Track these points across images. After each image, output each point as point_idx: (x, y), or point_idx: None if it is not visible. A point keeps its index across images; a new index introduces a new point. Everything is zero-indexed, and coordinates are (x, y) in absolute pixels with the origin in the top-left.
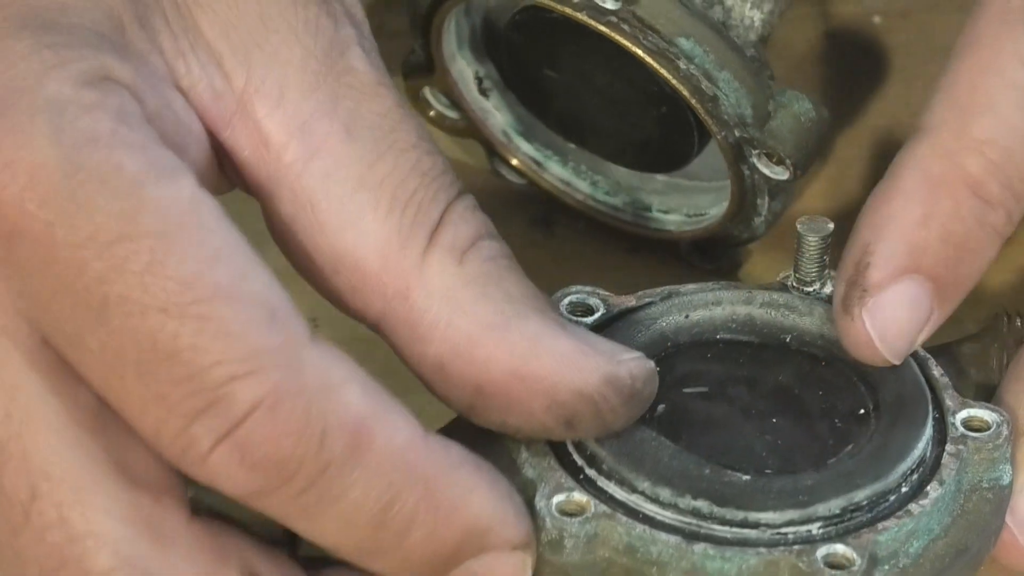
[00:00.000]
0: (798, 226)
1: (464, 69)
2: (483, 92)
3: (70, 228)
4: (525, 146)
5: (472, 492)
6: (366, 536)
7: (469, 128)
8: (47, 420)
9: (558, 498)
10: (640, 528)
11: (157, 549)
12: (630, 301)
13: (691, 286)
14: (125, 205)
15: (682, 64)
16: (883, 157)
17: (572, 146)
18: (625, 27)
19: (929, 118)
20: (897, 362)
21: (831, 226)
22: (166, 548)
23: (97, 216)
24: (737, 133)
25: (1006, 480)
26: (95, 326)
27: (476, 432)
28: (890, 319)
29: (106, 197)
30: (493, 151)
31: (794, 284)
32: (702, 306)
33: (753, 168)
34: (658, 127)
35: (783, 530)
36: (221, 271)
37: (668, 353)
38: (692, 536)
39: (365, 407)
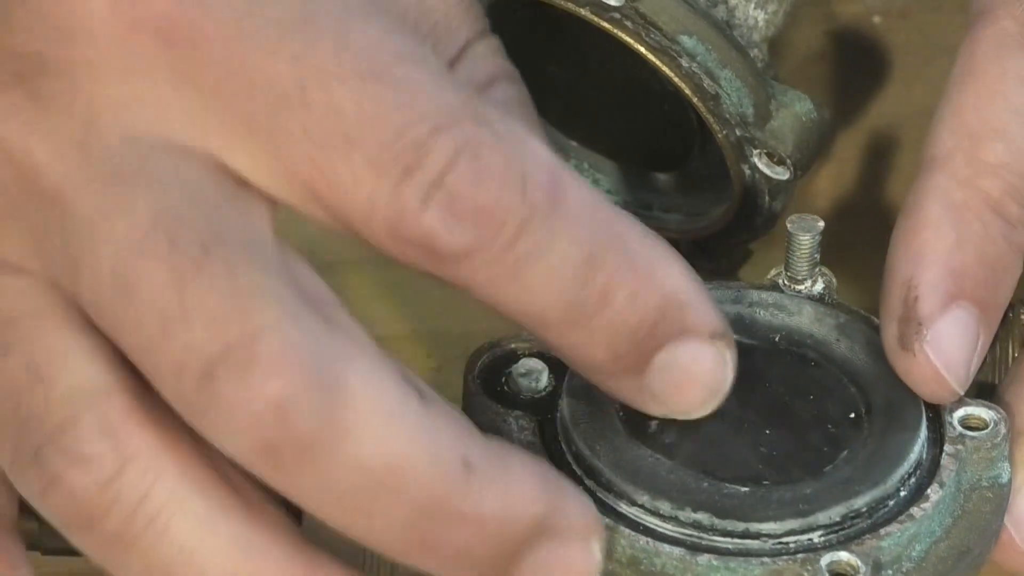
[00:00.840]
0: (788, 225)
1: None
2: None
3: (248, 27)
4: None
5: (668, 259)
6: (571, 296)
7: None
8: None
9: None
10: (644, 540)
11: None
12: None
13: None
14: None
15: (684, 62)
16: (883, 157)
17: (574, 144)
18: (628, 24)
19: (939, 148)
20: (962, 392)
21: (821, 224)
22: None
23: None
24: (738, 132)
25: (1005, 478)
26: (295, 111)
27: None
28: (950, 349)
29: None
30: None
31: (785, 282)
32: None
33: (754, 168)
34: (660, 125)
35: (784, 539)
36: (397, 38)
37: None
38: (695, 548)
39: (551, 166)
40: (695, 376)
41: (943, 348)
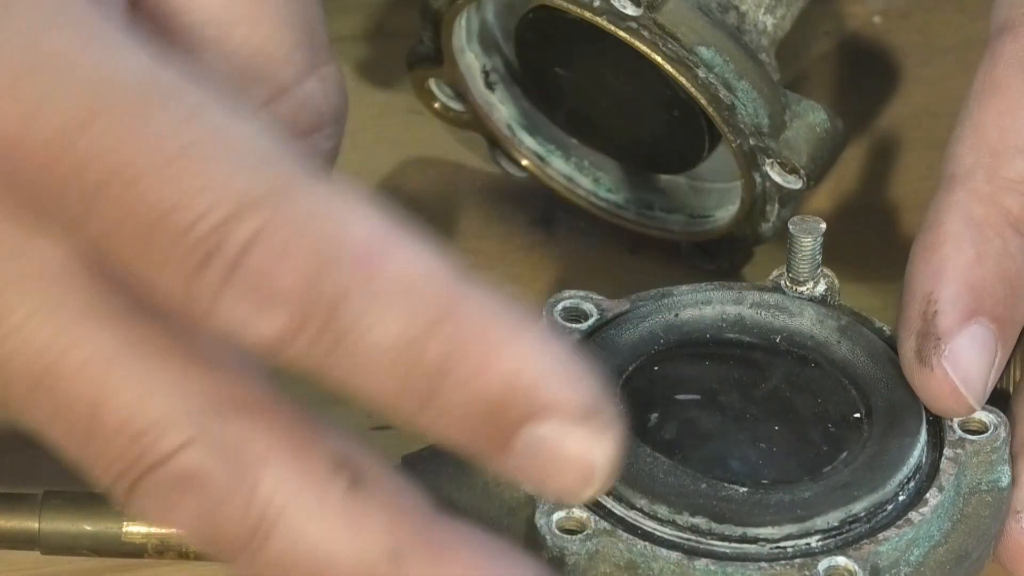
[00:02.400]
0: (790, 226)
1: (472, 62)
2: (489, 85)
3: (37, 128)
4: (528, 140)
5: (515, 328)
6: (400, 379)
7: (473, 121)
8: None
9: (558, 515)
10: (641, 544)
11: (236, 419)
12: (624, 305)
13: (683, 287)
14: (85, 90)
15: (701, 73)
16: (883, 157)
17: (575, 141)
18: (645, 33)
19: (959, 165)
20: (978, 408)
21: (823, 226)
22: (244, 417)
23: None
24: (752, 142)
25: (1005, 482)
26: (91, 213)
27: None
28: (967, 364)
29: (65, 86)
30: (496, 144)
31: (787, 284)
32: (691, 305)
33: (765, 176)
34: (668, 130)
35: (782, 544)
36: (195, 127)
37: (657, 352)
38: (692, 552)
39: (373, 233)
40: (564, 459)
41: (961, 364)
